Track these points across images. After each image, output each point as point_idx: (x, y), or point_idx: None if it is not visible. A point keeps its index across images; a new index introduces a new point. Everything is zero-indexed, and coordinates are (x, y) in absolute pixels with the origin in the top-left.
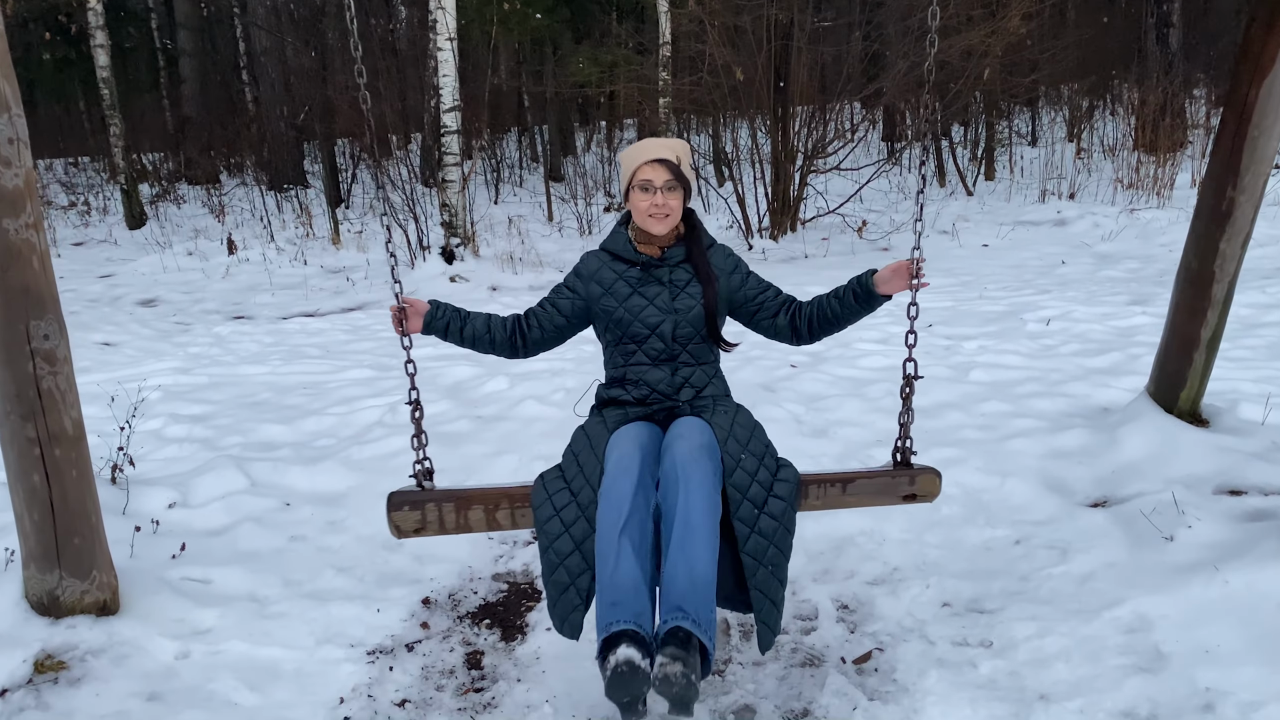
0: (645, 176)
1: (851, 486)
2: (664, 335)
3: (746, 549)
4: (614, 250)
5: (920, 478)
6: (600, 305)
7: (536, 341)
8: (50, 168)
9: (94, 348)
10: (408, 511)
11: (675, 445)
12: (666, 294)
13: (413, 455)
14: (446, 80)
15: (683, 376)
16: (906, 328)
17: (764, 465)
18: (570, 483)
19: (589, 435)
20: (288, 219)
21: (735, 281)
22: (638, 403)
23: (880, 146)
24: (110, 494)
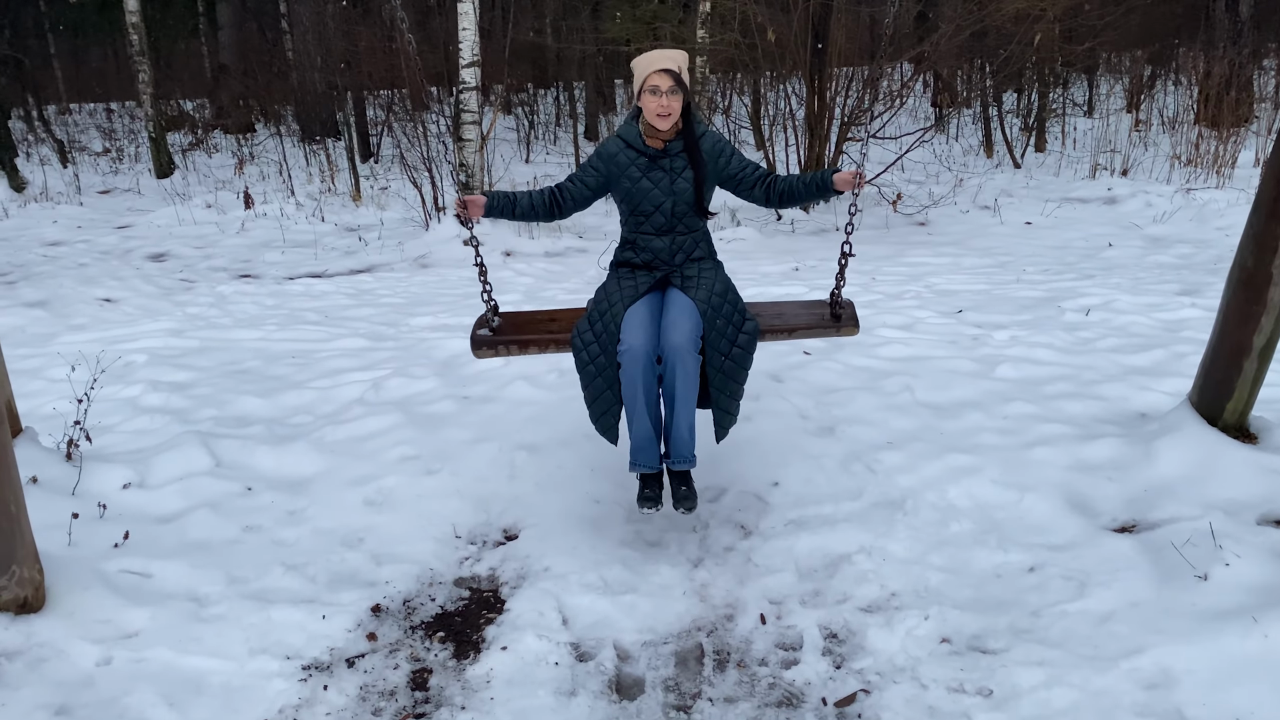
0: (653, 82)
1: (794, 335)
2: (665, 211)
3: (713, 382)
4: (628, 139)
5: (844, 327)
6: (617, 184)
7: (570, 205)
8: (94, 113)
9: (94, 304)
10: (485, 350)
11: (670, 335)
12: (667, 179)
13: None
14: (466, 34)
15: (678, 244)
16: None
17: (731, 323)
18: (598, 338)
19: (609, 296)
20: (314, 173)
21: (721, 163)
22: (644, 266)
23: (925, 113)
24: (63, 471)
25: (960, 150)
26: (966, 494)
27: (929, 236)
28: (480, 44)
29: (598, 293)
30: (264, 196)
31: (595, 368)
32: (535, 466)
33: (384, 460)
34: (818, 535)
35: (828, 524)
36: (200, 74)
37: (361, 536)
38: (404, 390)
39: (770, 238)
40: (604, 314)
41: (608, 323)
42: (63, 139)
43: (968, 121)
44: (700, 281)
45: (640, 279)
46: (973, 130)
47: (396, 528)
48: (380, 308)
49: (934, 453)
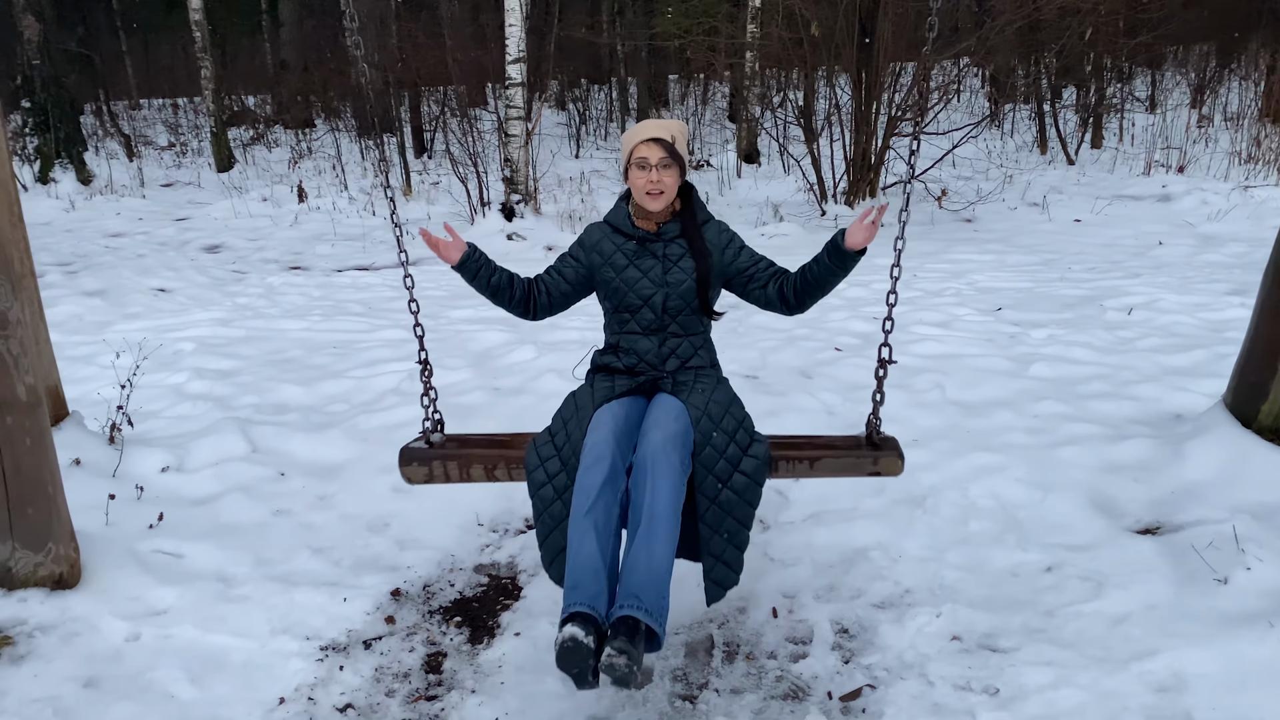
0: (641, 155)
1: (818, 465)
2: (655, 307)
3: (705, 518)
4: (614, 223)
5: (884, 459)
6: (600, 275)
7: (544, 306)
8: (164, 108)
9: (149, 294)
10: (416, 467)
11: (650, 434)
12: (660, 268)
13: (420, 422)
14: (512, 31)
15: (669, 348)
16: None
17: (734, 442)
18: (560, 449)
19: (577, 404)
20: (368, 167)
21: (729, 255)
22: (626, 371)
23: (980, 108)
24: (105, 454)
25: (1013, 146)
26: (989, 493)
27: (975, 233)
28: (529, 40)
29: (564, 401)
30: (318, 190)
31: (553, 489)
32: None
33: None
34: (835, 531)
35: (846, 520)
36: (263, 70)
37: (387, 522)
38: (438, 381)
39: (813, 233)
40: (568, 421)
41: (573, 432)
42: (129, 134)
43: (1023, 117)
44: (697, 387)
45: (620, 382)
46: (1028, 126)
47: (421, 514)
48: (422, 300)
49: (959, 451)
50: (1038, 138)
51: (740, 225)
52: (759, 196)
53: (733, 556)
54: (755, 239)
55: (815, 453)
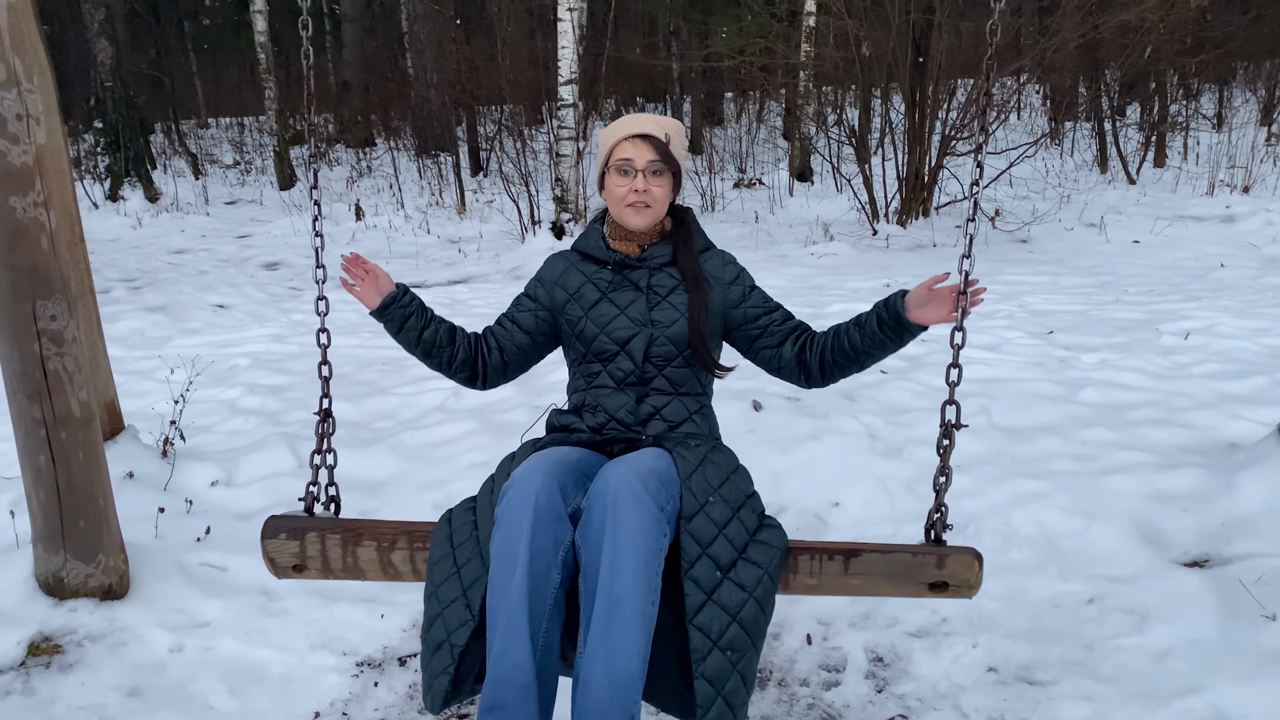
0: (624, 155)
1: (856, 563)
2: (634, 354)
3: (696, 621)
4: (584, 249)
5: (952, 559)
6: (564, 315)
7: (495, 368)
8: (230, 127)
9: (208, 309)
10: (284, 541)
11: (613, 470)
12: (643, 302)
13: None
14: (564, 52)
15: (652, 406)
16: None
17: (739, 518)
18: (478, 515)
19: (514, 459)
20: (425, 186)
21: (734, 295)
22: (591, 432)
23: (1037, 126)
24: (158, 468)
25: (1073, 165)
26: (1032, 520)
27: (1029, 254)
28: (583, 60)
29: (500, 462)
30: (375, 209)
31: (454, 560)
32: None
33: (455, 466)
34: None
35: None
36: (325, 91)
37: None
38: (482, 398)
39: (864, 253)
40: (497, 480)
41: (498, 481)
42: (196, 152)
43: (1083, 135)
44: (689, 443)
45: (577, 438)
46: (1088, 144)
47: None
48: (470, 318)
49: (1002, 477)
50: (1098, 156)
51: (790, 245)
52: (810, 215)
53: (735, 693)
54: (804, 258)
55: (852, 546)
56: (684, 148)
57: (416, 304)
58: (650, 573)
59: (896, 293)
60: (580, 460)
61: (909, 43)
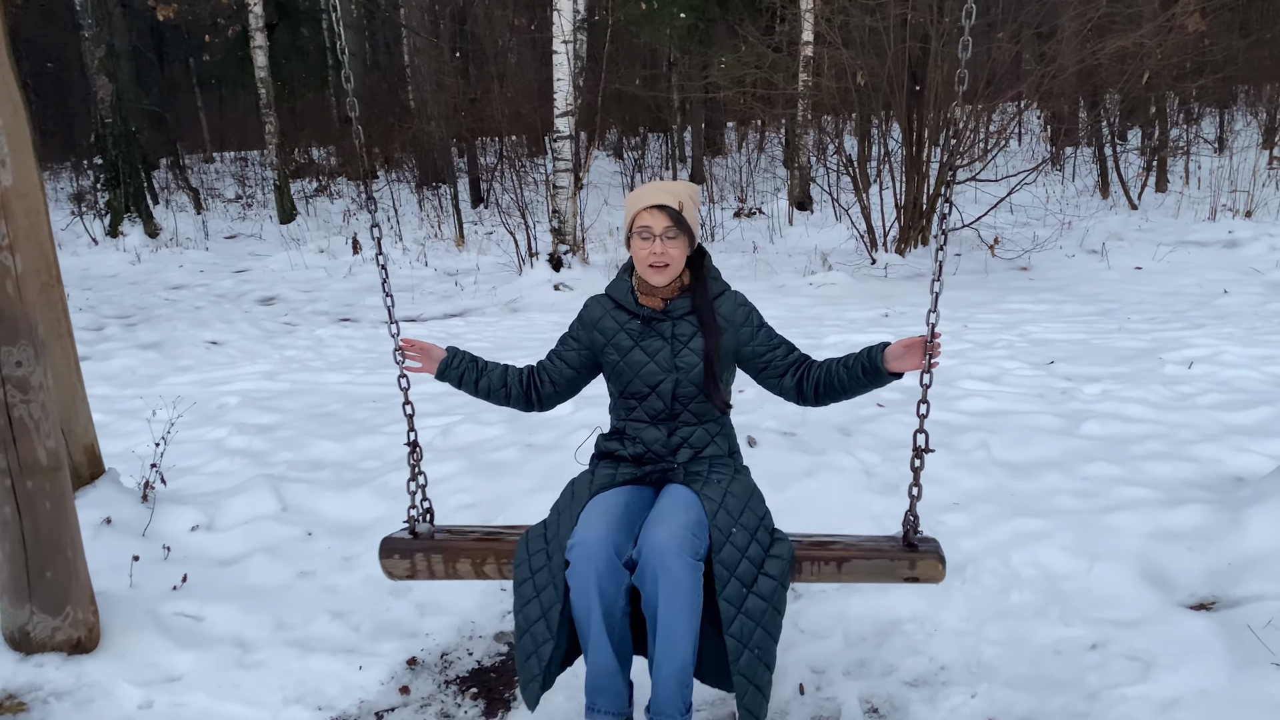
0: (644, 223)
1: (847, 566)
2: (664, 394)
3: (731, 631)
4: (617, 298)
5: (922, 562)
6: (603, 356)
7: (550, 396)
8: (235, 160)
9: (201, 346)
10: (398, 560)
11: (654, 532)
12: (668, 350)
13: (446, 489)
14: (560, 84)
15: (681, 437)
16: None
17: (755, 540)
18: (549, 543)
19: (574, 494)
20: (426, 217)
21: (744, 335)
22: (633, 459)
23: (1038, 152)
24: (137, 513)
25: (1074, 191)
26: (1032, 561)
27: (1030, 282)
28: (581, 90)
29: (564, 490)
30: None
31: (534, 584)
32: None
33: (442, 508)
34: (869, 600)
35: (882, 588)
36: (328, 123)
37: (410, 585)
38: (472, 436)
39: (862, 282)
40: (562, 514)
41: (564, 526)
42: (197, 187)
43: (1084, 160)
44: (712, 478)
45: (624, 469)
46: (1089, 169)
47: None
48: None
49: (1002, 515)
50: (1099, 181)
51: (789, 274)
52: (809, 244)
53: (762, 677)
54: (803, 288)
55: (844, 553)
56: (697, 209)
57: (467, 362)
58: (693, 605)
59: (879, 345)
60: (628, 507)
61: (905, 71)
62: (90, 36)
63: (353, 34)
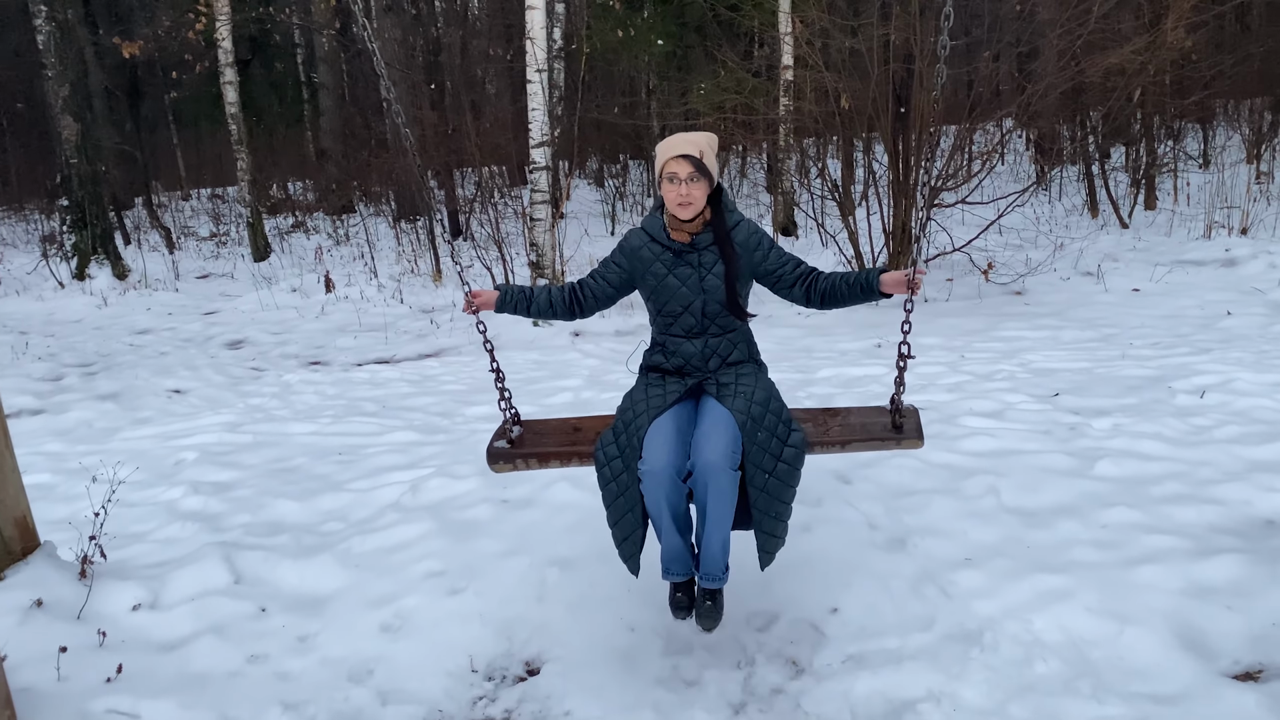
0: (671, 170)
1: (849, 448)
2: (695, 312)
3: (756, 505)
4: (651, 232)
5: (906, 440)
6: (642, 280)
7: (591, 304)
8: (213, 196)
9: (163, 396)
10: (503, 465)
11: (704, 450)
12: (696, 276)
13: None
14: (535, 114)
15: (711, 347)
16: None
17: (775, 435)
18: (623, 453)
19: (634, 410)
20: (403, 252)
21: (758, 257)
22: (675, 371)
23: (1026, 172)
24: (73, 591)
25: (1063, 211)
26: (1056, 625)
27: (1025, 307)
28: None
29: (624, 400)
30: (348, 279)
31: (618, 486)
32: (568, 585)
33: (408, 577)
34: (880, 676)
35: (892, 661)
36: (305, 158)
37: (371, 668)
38: (442, 492)
39: (852, 311)
40: (628, 425)
41: (632, 435)
42: (169, 226)
43: (1071, 179)
44: (739, 389)
45: (670, 387)
46: (1076, 189)
47: (410, 658)
48: (439, 395)
49: (1019, 571)
50: (1088, 200)
51: (775, 303)
52: None
53: (778, 528)
54: (791, 318)
55: (845, 439)
56: (715, 154)
57: (518, 295)
58: (731, 500)
59: (875, 270)
60: (680, 430)
61: (889, 93)
62: (54, 75)
63: (326, 67)
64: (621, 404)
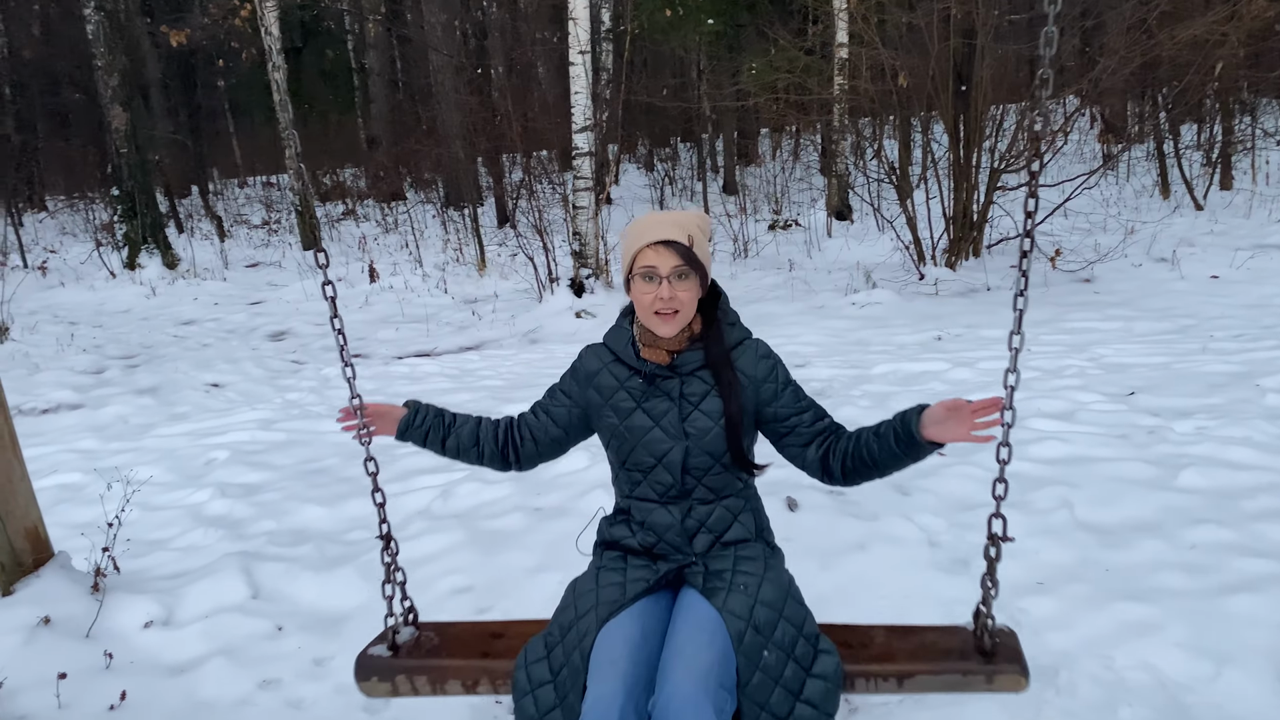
0: (648, 263)
1: (910, 683)
2: (672, 466)
3: None
4: (616, 350)
5: (1000, 675)
6: (599, 419)
7: (531, 456)
8: (266, 184)
9: (201, 390)
10: (376, 682)
11: (673, 674)
12: (676, 413)
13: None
14: (578, 98)
15: (697, 519)
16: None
17: (793, 659)
18: (555, 672)
19: (577, 606)
20: (450, 239)
21: (766, 393)
22: (643, 551)
23: (1092, 152)
24: (84, 607)
25: (1132, 192)
26: (1141, 663)
27: (1095, 296)
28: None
29: (565, 595)
30: (393, 268)
31: None
32: None
33: (433, 594)
34: (941, 716)
35: (956, 702)
36: (356, 145)
37: (388, 701)
38: (474, 498)
39: (910, 301)
40: (567, 632)
41: (571, 649)
42: (221, 214)
43: (1140, 159)
44: (736, 582)
45: (634, 574)
46: (1145, 169)
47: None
48: (477, 391)
49: (1097, 599)
50: (1159, 181)
51: (829, 293)
52: (850, 259)
53: None
54: (845, 308)
55: (905, 667)
56: (708, 241)
57: (431, 419)
58: None
59: (914, 407)
60: (644, 639)
61: (950, 70)
62: (103, 65)
63: (376, 53)
64: (563, 599)
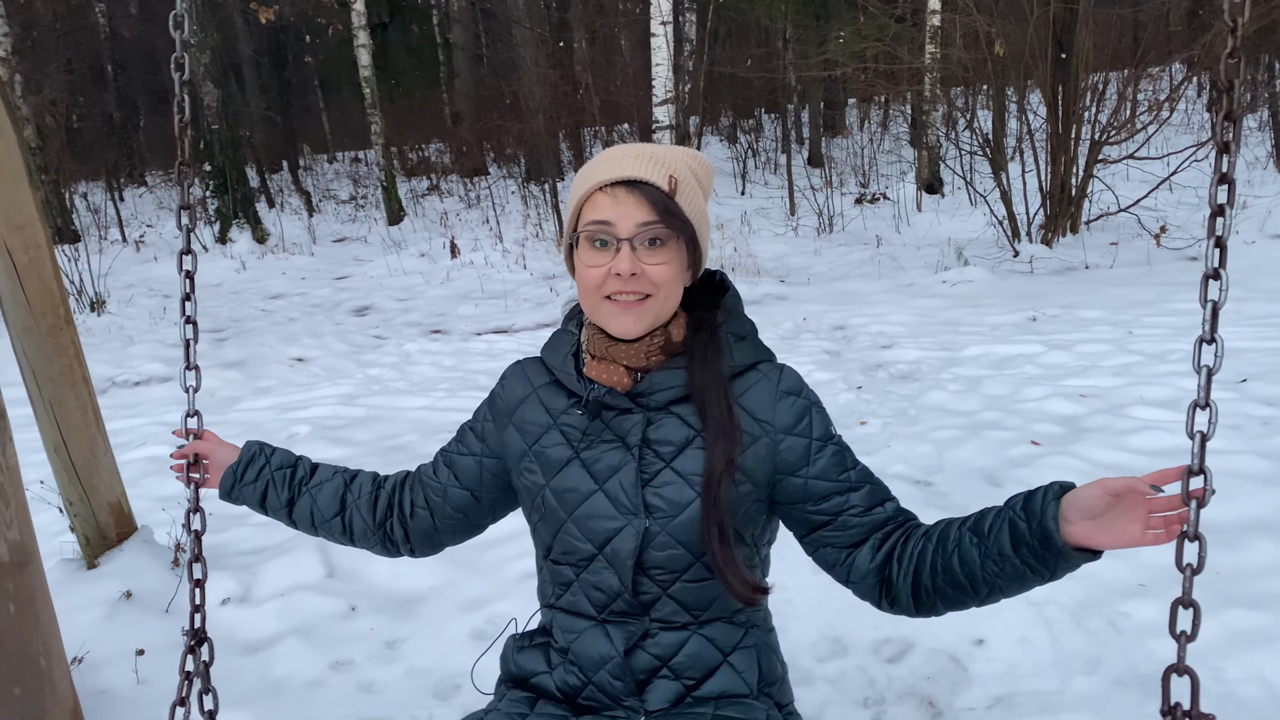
0: (599, 215)
1: None
2: (619, 562)
3: None
4: (551, 362)
5: None
6: (519, 473)
7: (426, 534)
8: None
9: (285, 364)
10: None
11: None
12: (632, 470)
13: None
14: (659, 70)
15: (653, 655)
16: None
17: None
18: None
19: None
20: (530, 214)
21: (790, 453)
22: (563, 697)
23: (1195, 122)
24: (164, 583)
25: (1244, 164)
26: (1255, 676)
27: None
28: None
29: None
30: (474, 243)
31: None
32: None
33: (503, 578)
34: None
35: (1049, 710)
36: (441, 121)
37: (458, 683)
38: None
39: (1003, 279)
40: None
41: None
42: (309, 190)
43: (1251, 129)
44: None
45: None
46: (1259, 139)
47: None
48: None
49: (1206, 604)
50: (1274, 152)
51: (918, 270)
52: (940, 234)
53: None
54: (935, 286)
55: None
56: (706, 196)
57: (272, 473)
58: None
59: (1048, 488)
60: None
61: (1049, 36)
62: (195, 43)
63: (461, 27)
64: None
